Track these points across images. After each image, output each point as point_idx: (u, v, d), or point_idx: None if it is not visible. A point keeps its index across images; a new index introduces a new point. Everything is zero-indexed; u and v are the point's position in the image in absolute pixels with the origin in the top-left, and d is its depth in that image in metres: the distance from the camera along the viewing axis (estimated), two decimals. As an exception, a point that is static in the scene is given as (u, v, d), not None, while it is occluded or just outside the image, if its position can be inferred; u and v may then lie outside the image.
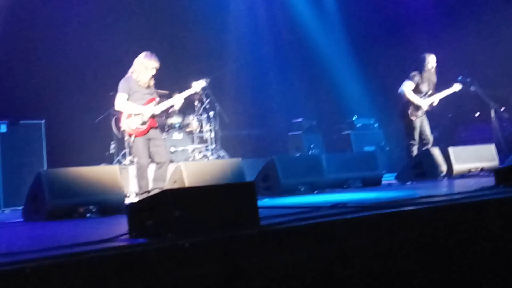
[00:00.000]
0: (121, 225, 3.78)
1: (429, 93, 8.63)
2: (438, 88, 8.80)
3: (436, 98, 8.67)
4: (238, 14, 12.91)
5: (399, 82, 8.75)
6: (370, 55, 13.36)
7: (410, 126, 8.62)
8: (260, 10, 13.20)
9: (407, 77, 8.63)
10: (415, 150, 8.59)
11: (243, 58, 12.75)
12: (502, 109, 10.86)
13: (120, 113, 6.91)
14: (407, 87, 8.54)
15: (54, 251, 2.80)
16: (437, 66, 8.75)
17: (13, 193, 7.98)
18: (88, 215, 5.69)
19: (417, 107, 8.55)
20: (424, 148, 8.59)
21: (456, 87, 8.91)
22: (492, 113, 10.70)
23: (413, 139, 8.61)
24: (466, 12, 12.69)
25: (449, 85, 8.91)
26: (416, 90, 8.57)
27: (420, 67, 8.63)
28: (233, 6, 12.85)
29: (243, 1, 13.02)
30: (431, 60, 8.63)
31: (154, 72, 6.82)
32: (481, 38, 12.26)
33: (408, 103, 8.55)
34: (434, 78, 8.70)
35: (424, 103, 8.58)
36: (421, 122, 8.65)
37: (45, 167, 8.38)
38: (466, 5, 12.57)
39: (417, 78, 8.55)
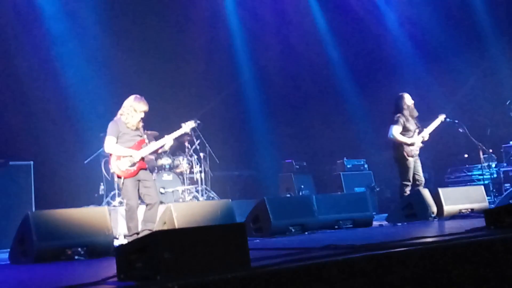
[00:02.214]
0: (109, 268, 3.73)
1: (417, 130, 8.72)
2: (423, 123, 8.91)
3: (425, 134, 8.75)
4: (226, 52, 13.06)
5: (387, 123, 8.84)
6: (358, 97, 13.55)
7: (405, 167, 8.66)
8: (250, 50, 13.35)
9: (391, 121, 8.73)
10: (408, 191, 8.61)
11: (232, 97, 12.87)
12: (490, 151, 10.95)
13: (109, 155, 6.89)
14: (395, 131, 8.62)
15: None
16: (422, 105, 8.92)
17: (0, 235, 7.85)
18: (76, 257, 5.61)
19: (411, 145, 8.62)
20: (415, 189, 8.61)
21: (441, 117, 9.03)
22: (481, 154, 10.79)
23: (407, 179, 8.64)
24: (447, 52, 13.12)
25: (433, 118, 9.03)
26: (405, 130, 8.67)
27: (399, 107, 8.75)
28: (221, 44, 13.00)
29: (232, 39, 13.19)
30: (407, 98, 8.78)
31: (142, 115, 6.85)
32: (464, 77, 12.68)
33: (401, 145, 8.62)
34: (415, 113, 8.82)
35: (416, 140, 8.65)
36: (414, 163, 8.70)
37: (33, 209, 8.29)
38: (447, 44, 13.02)
39: (401, 120, 8.65)
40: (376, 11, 13.89)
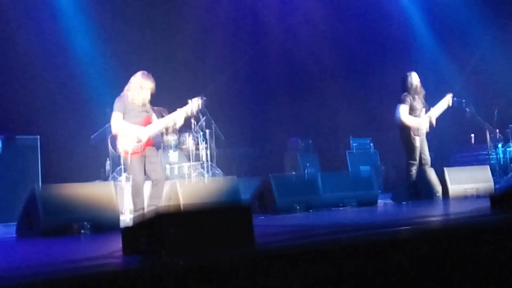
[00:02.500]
0: (115, 242, 3.76)
1: (423, 109, 8.68)
2: (430, 102, 8.86)
3: (433, 116, 8.68)
4: (234, 29, 12.96)
5: (394, 102, 8.79)
6: (365, 75, 13.47)
7: (411, 146, 8.62)
8: (256, 28, 13.25)
9: (398, 100, 8.68)
10: (414, 170, 8.59)
11: (238, 74, 12.82)
12: (496, 131, 10.91)
13: (116, 132, 6.89)
14: (403, 112, 8.54)
15: (47, 267, 2.77)
16: (429, 84, 8.85)
17: (7, 209, 7.92)
18: (82, 231, 5.66)
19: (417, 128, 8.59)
20: (420, 168, 8.60)
21: (448, 97, 8.94)
22: (487, 134, 10.75)
23: (414, 159, 8.61)
24: (455, 31, 13.01)
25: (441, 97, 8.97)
26: (411, 109, 8.62)
27: (406, 87, 8.70)
28: (230, 22, 12.90)
29: (241, 17, 13.08)
30: (414, 77, 8.72)
31: (149, 91, 6.82)
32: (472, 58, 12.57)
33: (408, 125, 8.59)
34: (423, 91, 8.77)
35: (423, 123, 8.58)
36: (421, 142, 8.68)
37: (40, 183, 8.34)
38: (454, 24, 12.89)
39: (408, 98, 8.60)
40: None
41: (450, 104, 8.96)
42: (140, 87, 6.76)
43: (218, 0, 12.74)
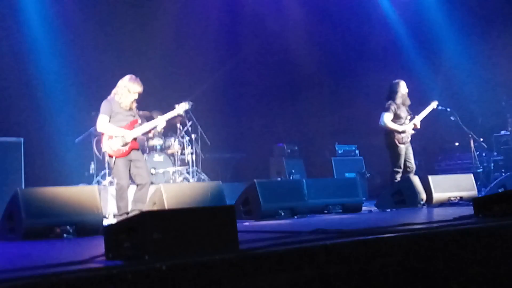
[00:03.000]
0: (98, 247, 3.73)
1: (408, 117, 8.76)
2: (415, 110, 8.94)
3: (417, 121, 8.78)
4: (219, 35, 12.96)
5: (380, 110, 8.84)
6: (351, 82, 13.54)
7: (396, 153, 8.69)
8: (242, 34, 13.26)
9: (382, 108, 8.74)
10: (399, 178, 8.65)
11: (224, 79, 12.82)
12: (480, 139, 11.01)
13: (101, 134, 6.87)
14: (386, 119, 8.66)
15: (28, 271, 2.74)
16: (413, 92, 8.94)
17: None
18: (65, 235, 5.60)
19: (402, 132, 8.65)
20: (405, 176, 8.65)
21: (433, 104, 9.08)
22: (471, 143, 10.84)
23: (399, 166, 8.68)
24: (441, 39, 13.13)
25: (425, 106, 9.07)
26: (396, 117, 8.70)
27: (393, 94, 8.77)
28: (215, 27, 12.89)
29: (226, 22, 13.07)
30: (402, 86, 8.79)
31: (136, 96, 6.81)
32: (457, 66, 12.71)
33: (393, 132, 8.65)
34: (408, 102, 8.85)
35: (408, 127, 8.70)
36: (406, 149, 8.74)
37: (23, 186, 8.26)
38: (440, 33, 13.02)
39: (393, 107, 8.68)
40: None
41: (435, 107, 9.08)
42: (128, 90, 6.74)
43: (205, 5, 12.73)
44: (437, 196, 8.18)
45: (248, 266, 2.98)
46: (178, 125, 10.36)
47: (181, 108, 7.25)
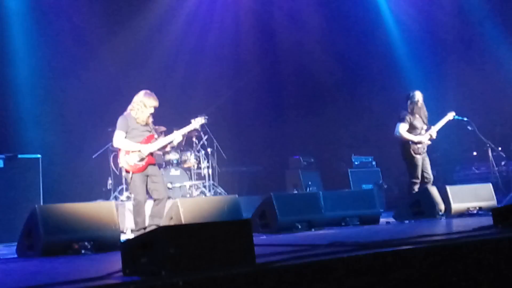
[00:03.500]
0: (115, 262, 3.74)
1: (424, 127, 8.70)
2: (432, 120, 8.88)
3: (433, 131, 8.73)
4: (235, 48, 13.02)
5: (395, 121, 8.80)
6: (367, 94, 13.50)
7: (412, 164, 8.63)
8: (258, 47, 13.31)
9: (398, 118, 8.70)
10: (416, 189, 8.58)
11: (240, 93, 12.86)
12: (499, 149, 10.90)
13: (118, 149, 6.91)
14: (402, 129, 8.60)
15: (46, 288, 2.75)
16: (430, 101, 8.89)
17: (8, 228, 7.87)
18: (83, 251, 5.63)
19: (418, 143, 8.60)
20: (422, 186, 8.58)
21: (450, 115, 9.01)
22: (489, 152, 10.73)
23: (416, 177, 8.62)
24: (457, 50, 13.04)
25: (442, 116, 9.01)
26: (412, 128, 8.65)
27: (408, 105, 8.73)
28: (231, 40, 12.96)
29: (241, 36, 13.14)
30: (418, 96, 8.74)
31: (152, 110, 6.86)
32: (474, 75, 12.61)
33: (408, 142, 8.60)
34: (425, 112, 8.79)
35: (423, 138, 8.64)
36: (423, 160, 8.68)
37: (41, 203, 8.32)
38: (457, 44, 12.93)
39: (408, 117, 8.63)
40: (386, 8, 13.85)
41: (452, 118, 9.01)
42: (144, 105, 6.79)
43: (221, 20, 12.82)
44: (455, 206, 8.09)
45: (265, 280, 2.97)
46: (194, 139, 10.39)
47: (197, 122, 7.29)
